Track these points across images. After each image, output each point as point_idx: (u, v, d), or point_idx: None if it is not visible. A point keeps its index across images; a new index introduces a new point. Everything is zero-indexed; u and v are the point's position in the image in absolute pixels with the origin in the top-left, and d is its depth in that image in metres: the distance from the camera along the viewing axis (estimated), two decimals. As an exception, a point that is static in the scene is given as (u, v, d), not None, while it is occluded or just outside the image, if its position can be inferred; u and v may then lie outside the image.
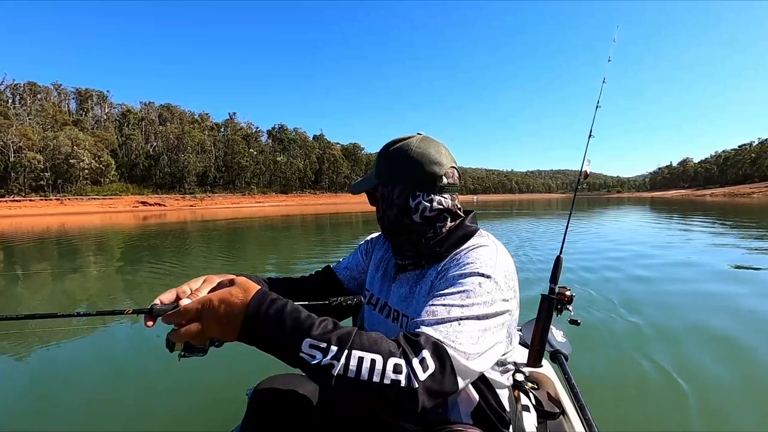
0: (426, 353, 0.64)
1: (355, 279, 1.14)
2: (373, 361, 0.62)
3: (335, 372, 0.60)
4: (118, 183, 69.08)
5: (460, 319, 0.71)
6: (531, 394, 1.26)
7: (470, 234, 0.91)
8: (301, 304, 0.70)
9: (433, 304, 0.74)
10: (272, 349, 0.64)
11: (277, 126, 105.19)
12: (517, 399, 1.09)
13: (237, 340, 0.65)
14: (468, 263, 0.81)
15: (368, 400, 0.62)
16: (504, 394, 0.93)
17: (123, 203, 57.86)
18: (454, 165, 0.95)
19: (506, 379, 0.95)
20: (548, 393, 1.42)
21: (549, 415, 1.28)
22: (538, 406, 1.25)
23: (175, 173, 77.39)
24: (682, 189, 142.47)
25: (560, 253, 1.52)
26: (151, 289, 5.34)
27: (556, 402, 1.38)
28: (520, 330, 1.68)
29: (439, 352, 0.65)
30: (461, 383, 0.68)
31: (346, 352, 0.61)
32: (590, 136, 1.76)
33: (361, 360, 0.61)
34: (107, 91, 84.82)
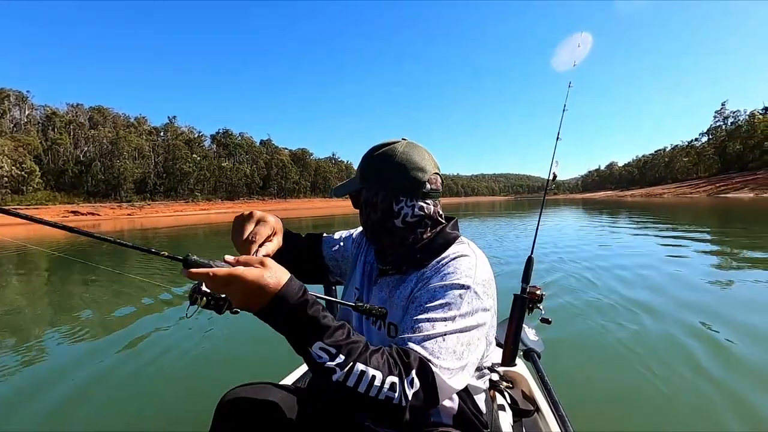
0: (414, 373, 0.70)
1: (335, 260, 1.17)
2: (373, 377, 0.67)
3: (335, 378, 0.66)
4: (44, 191, 63.39)
5: (445, 333, 0.75)
6: (506, 393, 1.29)
7: (451, 241, 0.93)
8: (328, 299, 0.77)
9: (417, 319, 0.78)
10: (285, 335, 0.69)
11: (221, 131, 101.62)
12: (493, 399, 1.10)
13: (255, 315, 0.69)
14: (448, 273, 0.83)
15: (359, 409, 0.69)
16: (481, 398, 0.96)
17: (50, 213, 53.22)
18: (437, 171, 0.97)
19: (483, 383, 0.97)
20: (523, 391, 1.49)
21: (524, 413, 1.31)
22: (514, 405, 1.29)
23: (109, 180, 72.40)
24: (609, 190, 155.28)
25: (531, 253, 1.57)
26: (86, 309, 4.83)
27: (531, 400, 1.43)
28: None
29: (425, 371, 0.71)
30: (441, 399, 0.73)
31: (351, 363, 0.67)
32: (558, 138, 1.80)
33: (362, 374, 0.67)
34: (27, 92, 76.84)
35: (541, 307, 1.46)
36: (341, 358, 0.67)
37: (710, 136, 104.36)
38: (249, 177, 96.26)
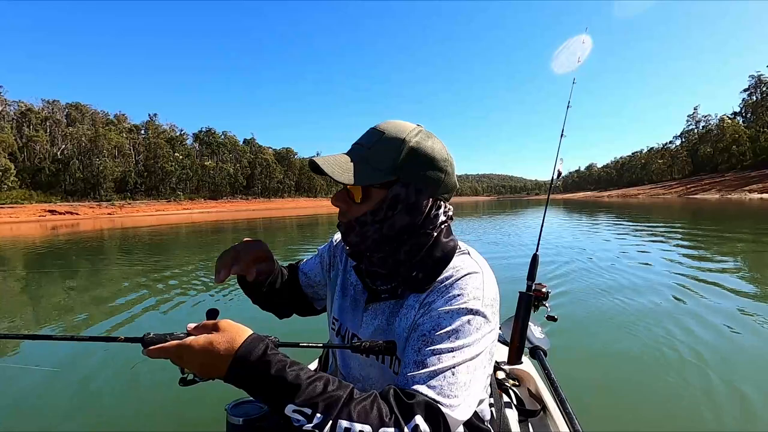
0: (419, 419, 0.61)
1: (311, 287, 1.06)
2: None
3: None
4: (20, 190, 61.72)
5: (453, 366, 0.67)
6: (512, 392, 1.26)
7: (450, 253, 0.80)
8: (326, 345, 0.76)
9: (421, 352, 0.70)
10: (259, 401, 0.66)
11: (204, 129, 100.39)
12: (499, 397, 1.06)
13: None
14: (454, 296, 0.73)
15: None
16: (484, 406, 0.89)
17: (26, 212, 52.06)
18: None
19: (484, 392, 0.88)
20: (529, 389, 1.46)
21: (531, 411, 1.28)
22: (520, 403, 1.26)
23: (88, 179, 71.01)
24: (588, 191, 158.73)
25: (536, 250, 1.54)
26: (63, 310, 4.95)
27: (537, 398, 1.39)
28: (500, 328, 1.67)
29: (433, 414, 0.63)
30: None
31: (331, 422, 0.59)
32: (562, 135, 1.75)
33: (347, 431, 0.58)
34: None
35: (546, 304, 1.46)
36: (319, 417, 0.59)
37: (683, 139, 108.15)
38: (232, 176, 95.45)
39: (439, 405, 0.64)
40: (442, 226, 0.82)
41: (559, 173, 1.71)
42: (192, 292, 5.68)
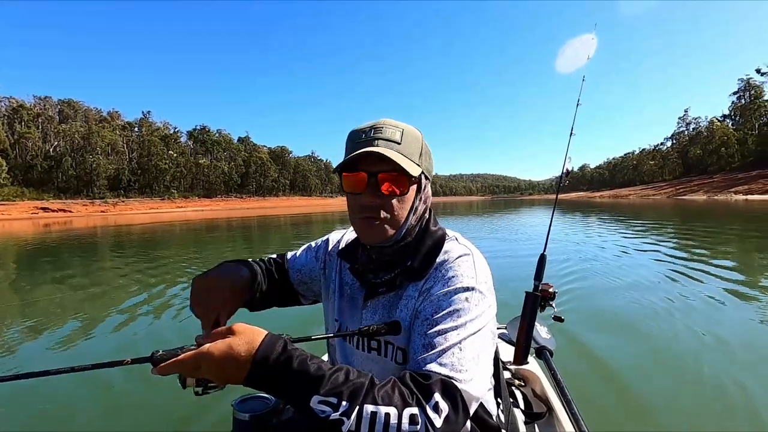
0: (437, 396, 0.64)
1: (305, 284, 1.05)
2: (387, 415, 0.60)
3: (345, 428, 0.59)
4: (11, 187, 61.52)
5: (459, 342, 0.71)
6: (518, 392, 1.27)
7: (440, 240, 0.86)
8: (336, 335, 0.79)
9: (427, 335, 0.73)
10: (281, 399, 0.67)
11: (198, 127, 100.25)
12: (505, 397, 1.06)
13: (246, 386, 0.64)
14: (450, 278, 0.78)
15: None
16: (489, 398, 0.92)
17: (18, 209, 51.92)
18: None
19: (488, 382, 0.92)
20: (535, 390, 1.47)
21: (537, 412, 1.29)
22: (526, 403, 1.27)
23: (81, 176, 70.77)
24: (581, 191, 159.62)
25: (544, 250, 1.54)
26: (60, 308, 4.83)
27: (543, 398, 1.39)
28: (506, 327, 1.70)
29: (450, 390, 0.65)
30: (471, 412, 0.69)
31: (357, 407, 0.60)
32: (571, 134, 1.76)
33: (374, 415, 0.60)
34: (-9, 83, 74.19)
35: (553, 304, 1.47)
36: (345, 404, 0.60)
37: (674, 141, 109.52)
38: (227, 174, 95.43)
39: (453, 381, 0.66)
40: (430, 215, 0.90)
41: (568, 172, 1.71)
42: (187, 290, 5.57)
